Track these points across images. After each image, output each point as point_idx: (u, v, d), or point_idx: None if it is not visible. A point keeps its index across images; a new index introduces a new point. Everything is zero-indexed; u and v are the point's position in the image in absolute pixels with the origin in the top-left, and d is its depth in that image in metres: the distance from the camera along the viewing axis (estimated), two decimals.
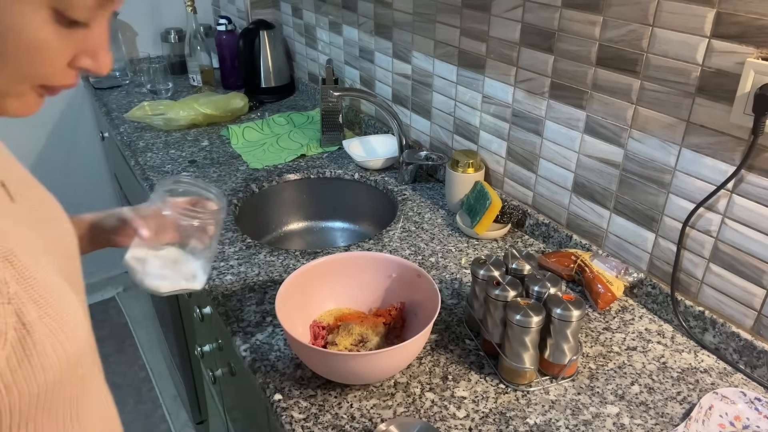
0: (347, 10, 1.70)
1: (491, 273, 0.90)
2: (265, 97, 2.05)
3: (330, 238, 1.53)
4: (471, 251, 1.18)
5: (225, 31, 2.11)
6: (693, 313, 0.95)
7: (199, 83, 2.11)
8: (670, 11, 0.87)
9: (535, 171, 1.20)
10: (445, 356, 0.91)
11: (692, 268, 0.95)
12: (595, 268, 1.03)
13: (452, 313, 1.01)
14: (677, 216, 0.95)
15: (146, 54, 2.29)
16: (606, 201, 1.07)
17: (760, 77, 0.77)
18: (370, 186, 1.49)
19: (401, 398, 0.84)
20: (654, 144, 0.95)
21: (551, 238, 1.19)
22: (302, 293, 0.93)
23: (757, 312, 0.88)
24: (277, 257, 1.16)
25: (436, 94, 1.43)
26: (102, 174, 2.52)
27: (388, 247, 1.20)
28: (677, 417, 0.81)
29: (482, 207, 1.19)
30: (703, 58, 0.85)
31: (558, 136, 1.12)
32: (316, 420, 0.80)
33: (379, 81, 1.65)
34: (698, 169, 0.90)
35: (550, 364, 0.85)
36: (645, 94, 0.94)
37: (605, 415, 0.81)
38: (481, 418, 0.80)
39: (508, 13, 1.15)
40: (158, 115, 1.79)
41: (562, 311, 0.81)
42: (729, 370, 0.89)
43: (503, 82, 1.21)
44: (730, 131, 0.85)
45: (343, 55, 1.80)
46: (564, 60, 1.06)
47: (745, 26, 0.79)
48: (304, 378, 0.87)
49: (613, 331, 0.97)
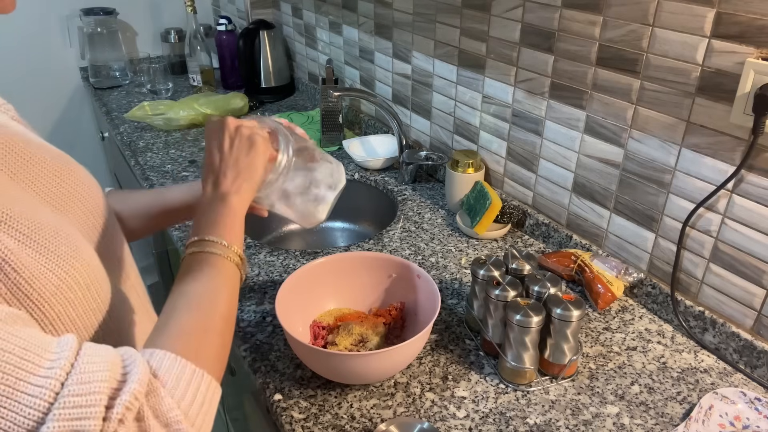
0: (347, 10, 1.70)
1: (491, 273, 0.90)
2: (265, 97, 2.06)
3: (330, 238, 1.53)
4: (471, 251, 1.18)
5: (225, 31, 2.11)
6: (693, 313, 0.95)
7: (199, 83, 2.11)
8: (670, 11, 0.87)
9: (535, 171, 1.20)
10: (445, 356, 0.91)
11: (692, 268, 0.95)
12: (595, 268, 1.03)
13: (452, 313, 1.01)
14: (677, 216, 0.95)
15: (146, 54, 2.29)
16: (606, 201, 1.07)
17: (760, 77, 0.77)
18: (370, 186, 1.49)
19: (401, 398, 0.84)
20: (654, 144, 0.95)
21: (551, 238, 1.19)
22: (302, 293, 0.93)
23: (757, 312, 0.88)
24: (277, 257, 1.16)
25: (436, 94, 1.43)
26: (102, 174, 2.52)
27: (388, 247, 1.20)
28: (677, 417, 0.81)
29: (482, 207, 1.19)
30: (703, 58, 0.85)
31: (558, 136, 1.12)
32: (316, 420, 0.80)
33: (379, 81, 1.65)
34: (698, 169, 0.90)
35: (550, 364, 0.85)
36: (645, 94, 0.94)
37: (605, 415, 0.81)
38: (481, 418, 0.80)
39: (508, 13, 1.15)
40: (158, 115, 1.79)
41: (562, 311, 0.81)
42: (729, 370, 0.89)
43: (503, 82, 1.21)
44: (730, 131, 0.85)
45: (343, 55, 1.80)
46: (564, 60, 1.06)
47: (745, 26, 0.79)
48: (304, 378, 0.87)
49: (613, 331, 0.97)
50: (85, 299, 0.57)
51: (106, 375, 0.47)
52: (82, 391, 0.45)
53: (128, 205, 0.88)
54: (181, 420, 0.50)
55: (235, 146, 0.71)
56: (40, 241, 0.53)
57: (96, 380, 0.46)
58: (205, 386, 0.54)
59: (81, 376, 0.46)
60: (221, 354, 0.60)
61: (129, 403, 0.47)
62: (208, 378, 0.55)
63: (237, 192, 0.70)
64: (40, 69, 2.28)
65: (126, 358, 0.50)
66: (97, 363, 0.47)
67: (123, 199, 0.89)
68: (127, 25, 2.39)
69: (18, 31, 2.21)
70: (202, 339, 0.58)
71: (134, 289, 0.73)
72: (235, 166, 0.70)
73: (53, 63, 2.30)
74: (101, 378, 0.46)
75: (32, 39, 2.25)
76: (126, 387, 0.47)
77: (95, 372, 0.46)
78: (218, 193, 0.69)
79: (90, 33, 2.19)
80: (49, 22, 2.25)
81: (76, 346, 0.48)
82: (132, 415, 0.47)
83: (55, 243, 0.55)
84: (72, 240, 0.57)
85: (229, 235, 0.66)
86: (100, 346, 0.50)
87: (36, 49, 2.26)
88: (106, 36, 2.22)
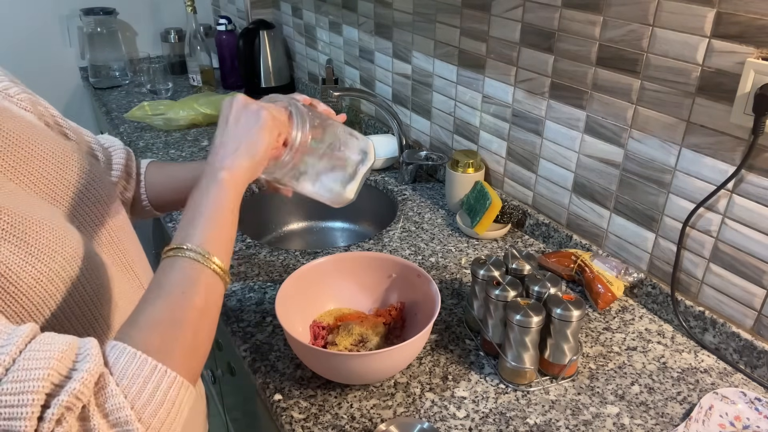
0: (347, 10, 1.70)
1: (491, 273, 0.90)
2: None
3: (330, 238, 1.53)
4: (471, 251, 1.18)
5: (225, 31, 2.11)
6: (693, 313, 0.95)
7: (199, 83, 2.11)
8: (670, 11, 0.87)
9: (535, 171, 1.20)
10: (445, 356, 0.91)
11: (692, 268, 0.95)
12: (595, 268, 1.03)
13: (452, 313, 1.01)
14: (677, 216, 0.95)
15: (146, 54, 2.29)
16: (606, 201, 1.07)
17: (760, 77, 0.77)
18: (370, 186, 1.49)
19: (401, 398, 0.84)
20: (654, 144, 0.95)
21: (551, 238, 1.19)
22: (302, 293, 0.93)
23: (757, 312, 0.88)
24: (277, 257, 1.16)
25: (436, 94, 1.43)
26: None
27: (388, 247, 1.20)
28: (677, 417, 0.81)
29: (482, 207, 1.19)
30: (703, 58, 0.85)
31: (558, 136, 1.12)
32: (316, 420, 0.80)
33: (379, 81, 1.65)
34: (698, 169, 0.90)
35: (550, 364, 0.85)
36: (645, 94, 0.94)
37: (605, 415, 0.81)
38: (481, 418, 0.80)
39: (508, 13, 1.15)
40: (158, 115, 1.79)
41: (562, 311, 0.81)
42: (729, 370, 0.89)
43: (503, 82, 1.21)
44: (730, 131, 0.84)
45: (343, 55, 1.80)
46: (564, 60, 1.06)
47: (745, 26, 0.79)
48: (304, 378, 0.87)
49: (613, 331, 0.97)
50: (68, 292, 0.56)
51: (44, 373, 0.44)
52: (16, 390, 0.43)
53: (165, 176, 0.90)
54: (132, 420, 0.47)
55: (240, 121, 0.66)
56: (20, 235, 0.53)
57: (32, 378, 0.44)
58: (167, 384, 0.50)
59: (18, 373, 0.44)
60: (195, 350, 0.55)
61: (68, 402, 0.44)
62: (172, 375, 0.51)
63: (230, 168, 0.63)
64: (40, 69, 2.28)
65: (81, 353, 0.48)
66: (40, 359, 0.45)
67: (161, 171, 0.91)
68: (127, 25, 2.39)
69: (18, 31, 2.21)
70: (171, 332, 0.53)
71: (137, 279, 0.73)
72: (234, 141, 0.65)
73: (53, 63, 2.30)
74: (38, 376, 0.44)
75: (32, 39, 2.25)
76: (68, 385, 0.45)
77: (33, 370, 0.44)
78: (211, 170, 0.63)
79: (90, 33, 2.19)
80: (49, 21, 2.25)
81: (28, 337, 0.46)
82: (73, 415, 0.45)
83: (37, 237, 0.55)
84: (58, 232, 0.57)
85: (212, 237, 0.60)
86: (59, 337, 0.48)
87: (36, 49, 2.26)
88: (106, 36, 2.22)
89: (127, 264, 0.71)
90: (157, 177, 0.90)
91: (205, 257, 0.58)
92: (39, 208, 0.58)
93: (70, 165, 0.65)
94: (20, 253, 0.53)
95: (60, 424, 0.44)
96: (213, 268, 0.58)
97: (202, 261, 0.58)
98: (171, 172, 0.91)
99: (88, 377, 0.46)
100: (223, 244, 0.61)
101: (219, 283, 0.59)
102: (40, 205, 0.59)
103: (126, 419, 0.47)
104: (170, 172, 0.91)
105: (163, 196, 0.90)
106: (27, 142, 0.62)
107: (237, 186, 0.64)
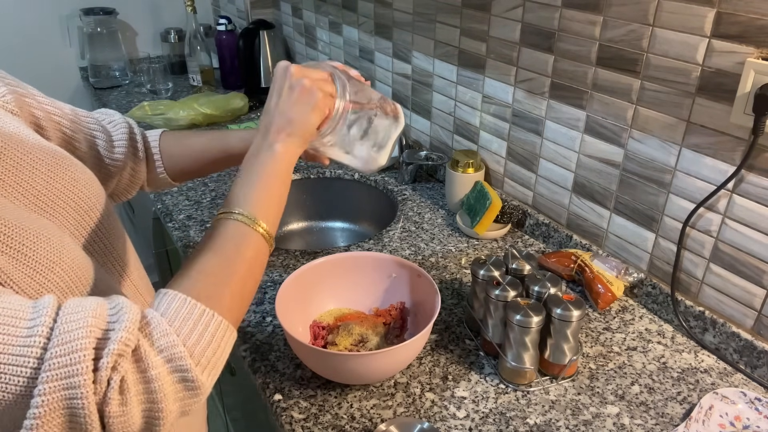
0: (347, 10, 1.70)
1: (491, 273, 0.90)
2: (265, 96, 2.04)
3: (330, 238, 1.53)
4: (471, 251, 1.18)
5: (225, 31, 2.11)
6: (693, 313, 0.95)
7: (199, 83, 2.11)
8: (670, 11, 0.87)
9: (535, 171, 1.20)
10: (445, 356, 0.91)
11: (692, 268, 0.95)
12: (595, 268, 1.03)
13: (452, 313, 1.01)
14: (677, 216, 0.95)
15: (146, 54, 2.29)
16: (606, 201, 1.07)
17: (760, 77, 0.77)
18: (370, 186, 1.49)
19: (401, 398, 0.84)
20: (654, 144, 0.95)
21: (551, 238, 1.19)
22: (302, 293, 0.93)
23: (757, 312, 0.88)
24: (277, 257, 1.16)
25: (436, 94, 1.43)
26: None
27: (388, 247, 1.20)
28: (677, 417, 0.81)
29: (482, 207, 1.19)
30: (703, 58, 0.85)
31: (558, 136, 1.12)
32: (316, 420, 0.80)
33: (379, 81, 1.65)
34: (698, 169, 0.90)
35: (550, 364, 0.85)
36: (645, 94, 0.94)
37: (605, 416, 0.81)
38: (481, 418, 0.80)
39: (508, 13, 1.15)
40: (158, 115, 1.79)
41: (562, 311, 0.81)
42: (729, 370, 0.89)
43: (503, 82, 1.21)
44: (730, 131, 0.84)
45: (343, 55, 1.80)
46: (564, 60, 1.06)
47: (745, 26, 0.79)
48: (304, 378, 0.87)
49: (613, 331, 0.97)
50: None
51: (86, 331, 0.47)
52: (65, 351, 0.46)
53: (182, 145, 0.91)
54: (185, 356, 0.51)
55: (294, 96, 0.69)
56: (19, 248, 0.54)
57: (76, 338, 0.47)
58: (215, 327, 0.54)
59: (61, 337, 0.47)
60: (241, 299, 0.60)
61: (118, 350, 0.48)
62: (219, 319, 0.55)
63: (284, 142, 0.68)
64: (40, 69, 2.28)
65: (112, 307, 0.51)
66: (76, 320, 0.48)
67: (176, 139, 0.92)
68: (127, 25, 2.39)
69: (18, 31, 2.21)
70: (221, 280, 0.58)
71: (134, 286, 0.73)
72: (287, 115, 0.68)
73: (53, 63, 2.30)
74: (81, 335, 0.47)
75: (32, 39, 2.25)
76: (113, 335, 0.48)
77: (74, 330, 0.47)
78: (266, 142, 0.68)
79: (90, 33, 2.19)
80: (49, 22, 2.25)
81: (55, 306, 0.49)
82: (126, 359, 0.48)
83: (34, 248, 0.55)
84: (55, 244, 0.57)
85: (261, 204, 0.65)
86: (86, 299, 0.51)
87: (36, 49, 2.26)
88: (106, 36, 2.22)
89: (122, 270, 0.71)
90: (175, 148, 0.91)
91: (254, 221, 0.63)
92: (34, 220, 0.58)
93: (58, 173, 0.64)
94: (19, 265, 0.53)
95: (116, 370, 0.48)
96: (261, 232, 0.64)
97: (250, 224, 0.63)
98: (189, 142, 0.92)
99: (130, 325, 0.49)
100: (271, 210, 0.66)
101: (265, 246, 0.65)
102: (31, 217, 0.58)
103: (179, 354, 0.51)
104: (188, 142, 0.92)
105: (180, 166, 0.91)
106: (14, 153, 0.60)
107: (290, 158, 0.69)
